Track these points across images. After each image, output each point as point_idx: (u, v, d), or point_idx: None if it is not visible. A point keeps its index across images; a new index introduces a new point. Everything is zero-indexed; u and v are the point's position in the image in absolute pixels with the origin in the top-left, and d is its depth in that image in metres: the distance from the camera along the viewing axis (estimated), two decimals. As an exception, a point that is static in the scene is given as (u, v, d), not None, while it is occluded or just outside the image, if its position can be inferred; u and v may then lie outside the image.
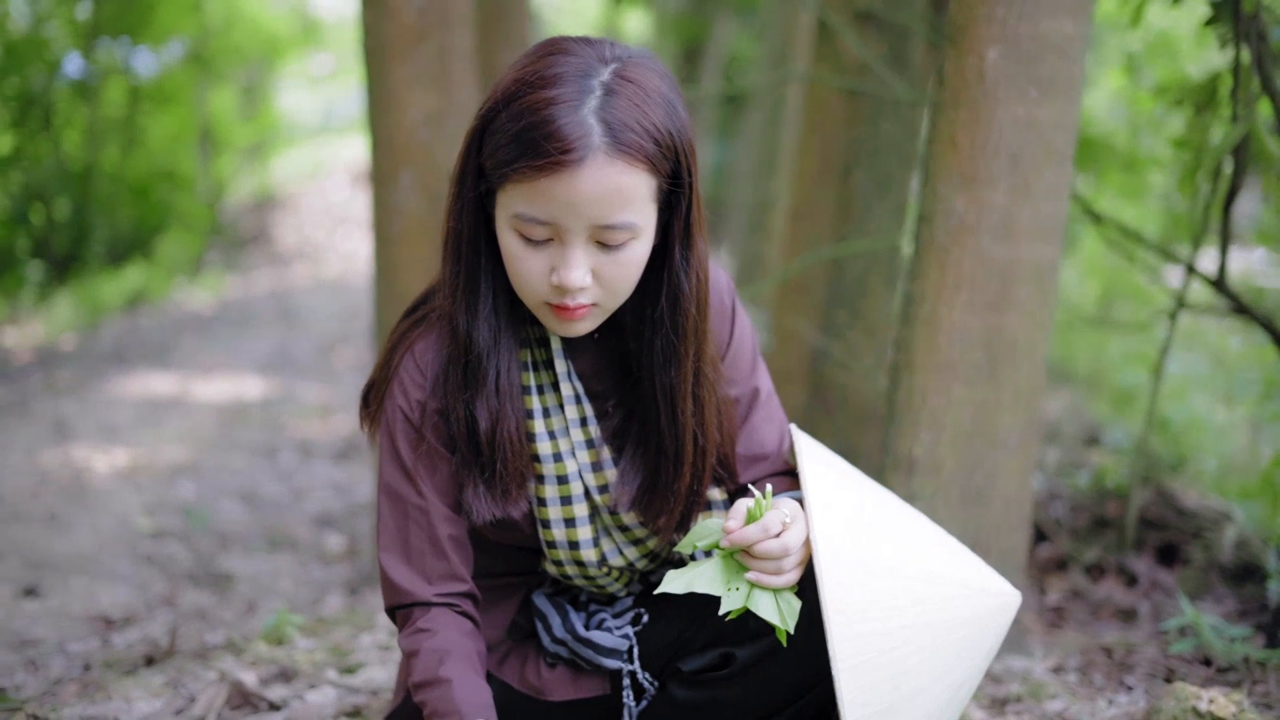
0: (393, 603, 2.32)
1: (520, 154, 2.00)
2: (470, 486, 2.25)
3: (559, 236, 2.05)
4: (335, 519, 5.97)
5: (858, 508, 2.16)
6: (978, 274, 3.11)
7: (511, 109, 2.03)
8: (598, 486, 2.30)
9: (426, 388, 2.26)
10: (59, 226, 12.92)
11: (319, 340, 10.94)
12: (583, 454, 2.29)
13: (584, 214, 2.02)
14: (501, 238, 2.11)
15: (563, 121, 1.99)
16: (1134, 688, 3.10)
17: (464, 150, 2.14)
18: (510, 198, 2.06)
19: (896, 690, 2.02)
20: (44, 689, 3.52)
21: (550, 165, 1.98)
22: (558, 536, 2.31)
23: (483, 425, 2.21)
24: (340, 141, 20.36)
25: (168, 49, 14.80)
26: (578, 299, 2.09)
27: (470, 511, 2.25)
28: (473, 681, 2.22)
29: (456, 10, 4.42)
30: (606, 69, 2.05)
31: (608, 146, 2.00)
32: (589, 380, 2.32)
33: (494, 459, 2.23)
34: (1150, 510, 4.46)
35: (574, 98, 2.01)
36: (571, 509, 2.30)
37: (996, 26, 3.05)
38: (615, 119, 2.01)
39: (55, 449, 6.82)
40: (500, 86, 2.08)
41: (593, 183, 2.00)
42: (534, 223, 2.04)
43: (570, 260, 2.05)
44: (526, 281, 2.10)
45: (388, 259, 4.54)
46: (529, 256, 2.08)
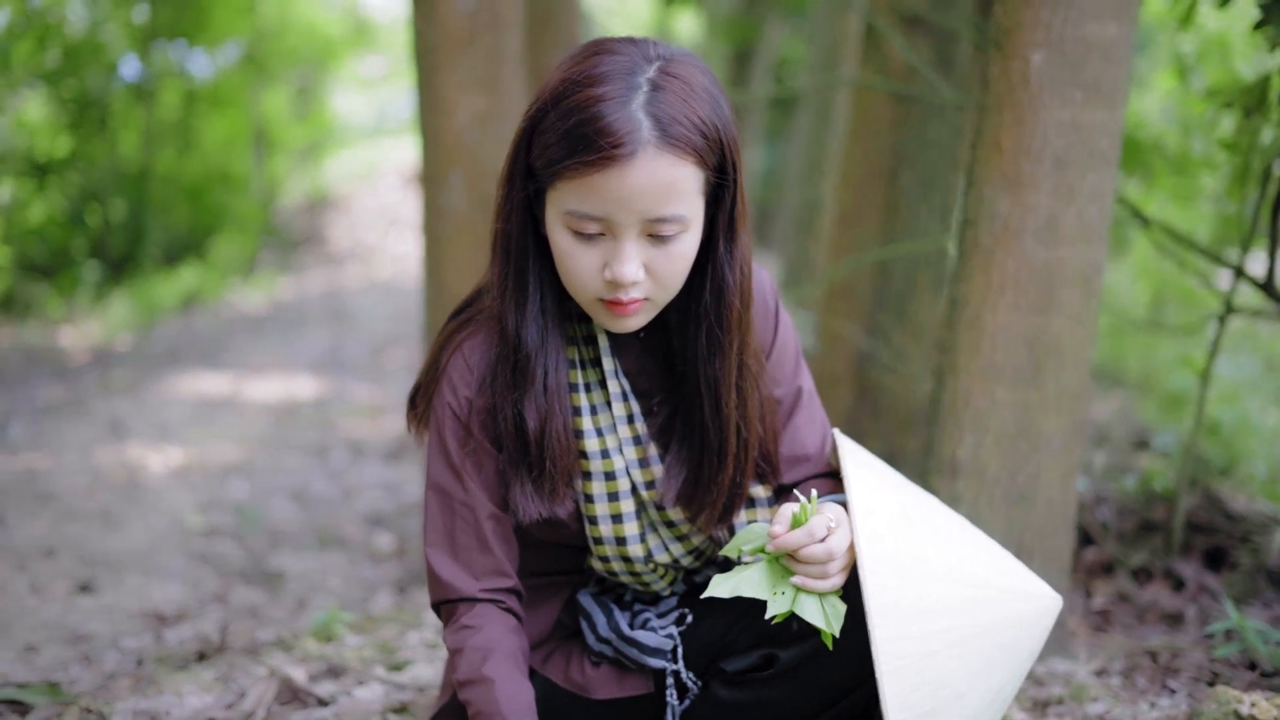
0: (438, 598, 2.35)
1: (571, 151, 2.04)
2: (517, 485, 2.28)
3: (611, 231, 2.08)
4: (385, 518, 6.01)
5: (900, 512, 2.18)
6: (1022, 276, 3.12)
7: (560, 108, 2.06)
8: (644, 483, 2.33)
9: (474, 386, 2.29)
10: (115, 228, 13.06)
11: (370, 341, 11.00)
12: (630, 450, 2.32)
13: (635, 207, 2.05)
14: (552, 236, 2.14)
15: (613, 117, 2.02)
16: (1176, 691, 3.10)
17: (512, 152, 2.17)
18: (561, 195, 2.09)
19: (938, 693, 2.03)
20: (98, 683, 3.58)
21: (602, 160, 2.02)
22: (604, 532, 2.34)
23: (531, 424, 2.24)
24: (392, 143, 20.46)
25: (222, 51, 14.93)
26: (630, 293, 2.12)
27: (517, 510, 2.28)
28: (515, 681, 2.25)
29: (506, 13, 4.46)
30: (652, 66, 2.09)
31: (657, 140, 2.03)
32: (634, 378, 2.35)
33: (542, 457, 2.26)
34: (1198, 514, 4.44)
35: (622, 94, 2.04)
36: (618, 505, 2.32)
37: (1041, 30, 3.05)
38: (663, 113, 2.04)
39: (110, 448, 6.89)
40: (547, 87, 2.11)
41: (644, 176, 2.03)
42: (586, 218, 2.07)
43: (623, 254, 2.08)
44: (579, 278, 2.13)
45: (436, 259, 4.59)
46: (581, 253, 2.11)
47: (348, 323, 11.84)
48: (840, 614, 2.08)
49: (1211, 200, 7.15)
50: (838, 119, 7.30)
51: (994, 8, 3.20)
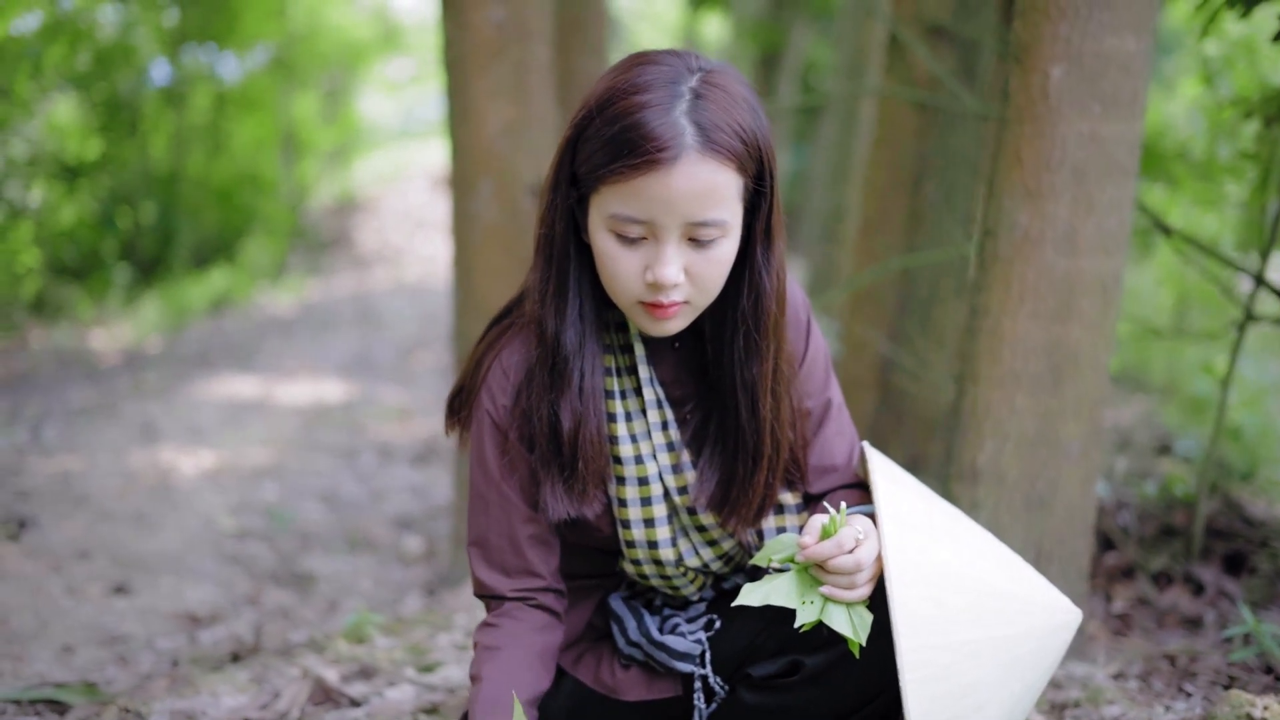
0: (476, 594, 2.45)
1: (616, 156, 2.10)
2: (548, 484, 2.34)
3: (653, 235, 2.14)
4: (414, 521, 6.07)
5: (927, 525, 2.22)
6: (1041, 286, 3.17)
7: (605, 115, 2.12)
8: (677, 488, 2.38)
9: (511, 394, 2.35)
10: (145, 230, 13.15)
11: (399, 343, 11.06)
12: (664, 456, 2.38)
13: (678, 211, 2.11)
14: (596, 240, 2.19)
15: (657, 123, 2.08)
16: (1193, 694, 3.13)
17: (557, 159, 2.23)
18: (605, 200, 2.15)
19: (961, 703, 2.08)
20: (134, 684, 3.65)
21: (646, 164, 2.08)
22: (637, 536, 2.39)
23: (566, 425, 2.30)
24: (419, 146, 20.55)
25: (252, 55, 15.00)
26: (671, 296, 2.17)
27: (546, 509, 2.34)
28: (504, 680, 2.32)
29: (534, 24, 4.51)
30: (694, 76, 2.15)
31: (700, 146, 2.09)
32: (668, 386, 2.41)
33: (575, 458, 2.31)
34: (1218, 519, 4.47)
35: (665, 101, 2.10)
36: (651, 509, 2.38)
37: (1061, 44, 3.10)
38: (706, 120, 2.10)
39: (143, 450, 6.96)
40: (592, 96, 2.17)
41: (686, 180, 2.09)
42: (630, 222, 2.13)
43: (665, 257, 2.14)
44: (621, 281, 2.19)
45: (466, 266, 4.64)
46: (624, 256, 2.17)
47: (376, 325, 11.91)
48: (867, 624, 2.13)
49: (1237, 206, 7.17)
50: (863, 125, 7.34)
51: (1014, 22, 3.25)
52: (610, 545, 2.45)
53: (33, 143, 11.28)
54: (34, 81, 10.78)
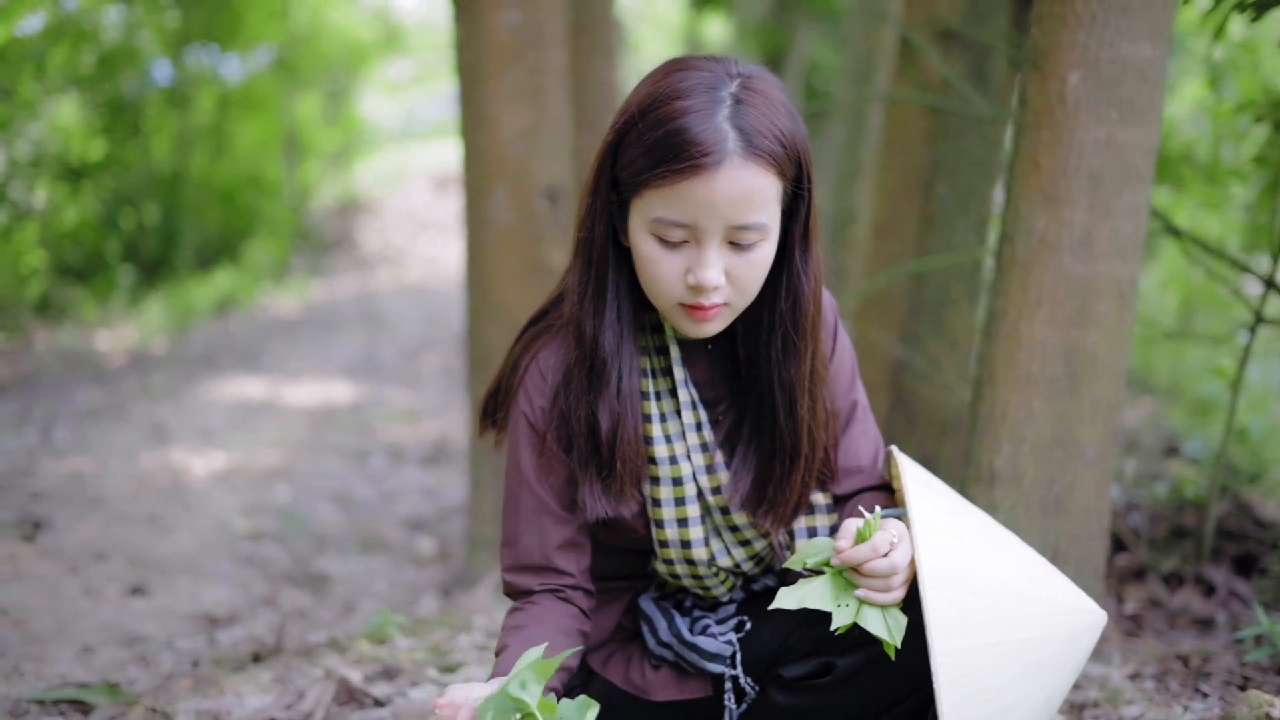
0: (506, 593, 2.46)
1: (660, 160, 2.14)
2: (586, 485, 2.36)
3: (695, 238, 2.18)
4: (426, 522, 6.09)
5: (957, 528, 2.25)
6: (1058, 291, 3.19)
7: (648, 120, 2.16)
8: (710, 488, 2.41)
9: (549, 395, 2.38)
10: (148, 231, 13.16)
11: (404, 345, 11.08)
12: (698, 457, 2.40)
13: (720, 215, 2.14)
14: (637, 243, 2.23)
15: (701, 128, 2.12)
16: (1209, 695, 3.16)
17: (597, 164, 2.27)
18: (647, 203, 2.18)
19: (992, 704, 2.10)
20: (156, 684, 3.67)
21: (690, 169, 2.11)
22: (670, 535, 2.42)
23: (604, 426, 2.33)
24: (420, 147, 20.55)
25: (254, 56, 15.01)
26: (712, 298, 2.20)
27: (584, 508, 2.37)
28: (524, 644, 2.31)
29: (550, 29, 4.54)
30: (734, 82, 2.18)
31: (742, 150, 2.13)
32: (702, 388, 2.44)
33: (613, 458, 2.34)
34: (1228, 521, 4.49)
35: (707, 107, 2.14)
36: (685, 509, 2.40)
37: (1078, 51, 3.13)
38: (748, 125, 2.14)
39: (153, 452, 6.99)
40: (634, 101, 2.21)
41: (729, 184, 2.13)
42: (673, 225, 2.16)
43: (706, 260, 2.17)
44: (662, 284, 2.22)
45: (481, 270, 4.67)
46: (666, 259, 2.20)
47: (381, 326, 11.93)
48: (902, 626, 2.15)
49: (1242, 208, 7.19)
50: (871, 129, 7.36)
51: (1031, 29, 3.27)
52: (643, 545, 2.48)
53: (37, 144, 11.30)
54: (38, 83, 10.80)
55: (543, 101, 4.56)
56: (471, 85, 4.59)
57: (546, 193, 4.58)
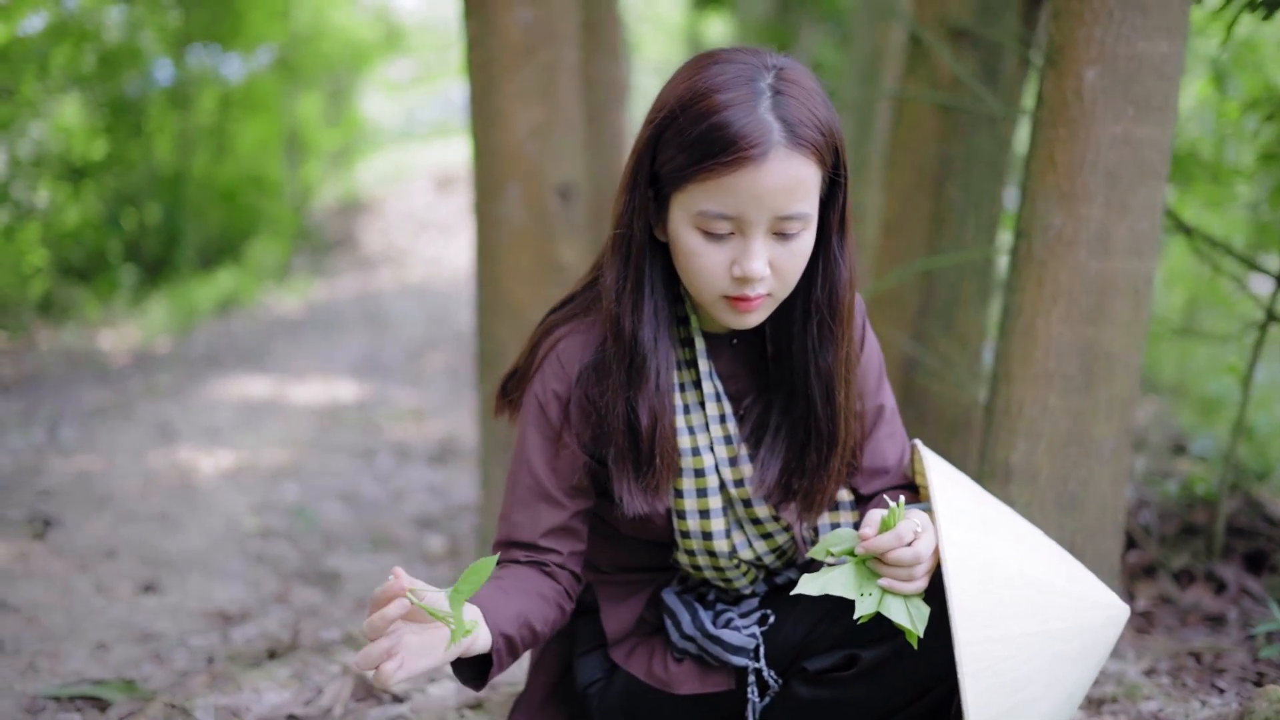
0: (493, 551, 2.46)
1: (706, 154, 2.15)
2: (625, 481, 2.37)
3: (741, 230, 2.19)
4: (434, 520, 6.10)
5: (981, 520, 2.26)
6: (1074, 287, 3.20)
7: (689, 114, 2.17)
8: (733, 480, 2.42)
9: (565, 383, 2.39)
10: (150, 231, 13.16)
11: (407, 345, 11.09)
12: (721, 449, 2.41)
13: (767, 206, 2.16)
14: (680, 237, 2.23)
15: (746, 121, 2.14)
16: (1226, 690, 3.17)
17: (634, 161, 2.28)
18: (691, 197, 2.19)
19: (1014, 696, 2.11)
20: (172, 680, 3.67)
21: (737, 161, 2.13)
22: (692, 527, 2.42)
23: (644, 422, 2.33)
24: (422, 147, 20.57)
25: (255, 56, 15.02)
26: (757, 289, 2.22)
27: (623, 504, 2.37)
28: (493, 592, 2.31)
29: (563, 26, 4.54)
30: (770, 74, 2.20)
31: (787, 141, 2.15)
32: (725, 382, 2.45)
33: (652, 454, 2.35)
34: (1238, 518, 4.50)
35: (749, 99, 2.15)
36: (707, 501, 2.41)
37: (1095, 48, 3.14)
38: (790, 115, 2.16)
39: (161, 450, 6.99)
40: (671, 97, 2.22)
41: (775, 176, 2.14)
42: (719, 218, 2.18)
43: (752, 251, 2.19)
44: (706, 276, 2.23)
45: (492, 268, 4.67)
46: (711, 252, 2.21)
47: (384, 326, 11.93)
48: (924, 616, 2.16)
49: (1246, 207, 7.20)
50: (879, 128, 7.36)
51: (1048, 25, 3.29)
52: (664, 537, 2.48)
53: (39, 143, 11.30)
54: (40, 82, 10.80)
55: (555, 100, 4.56)
56: (483, 83, 4.59)
57: (559, 190, 4.58)
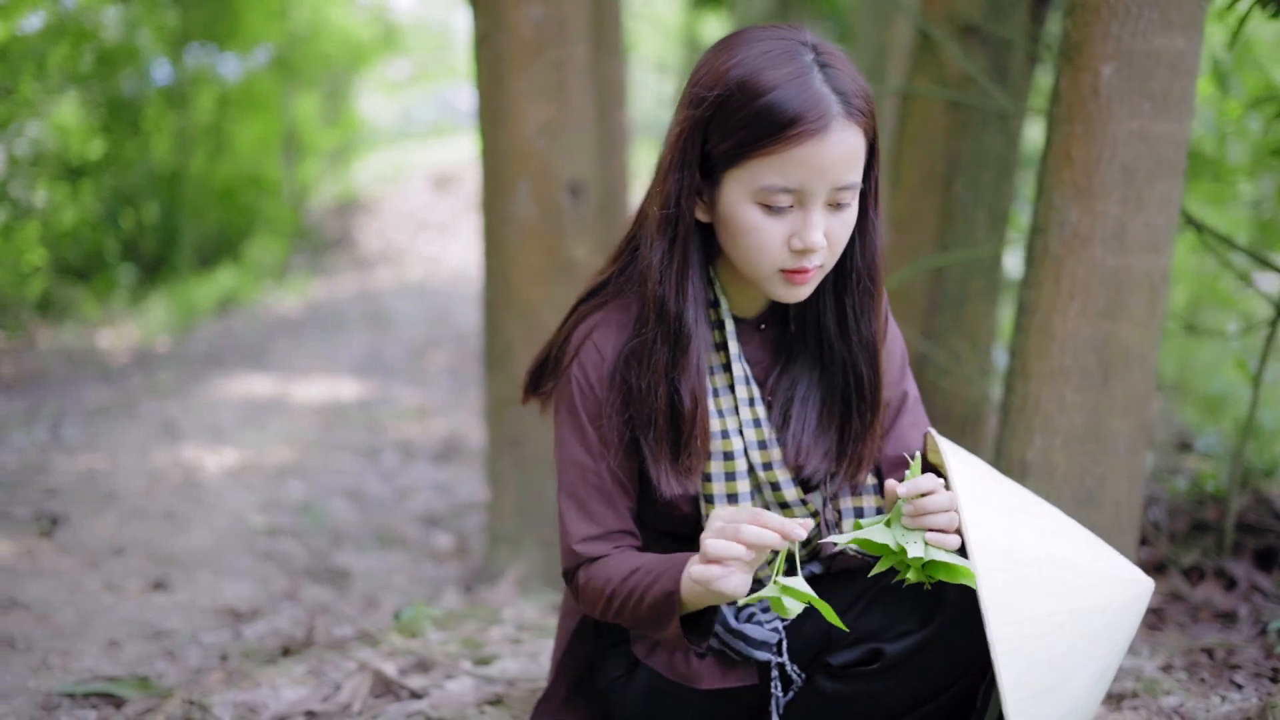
0: (573, 563, 2.44)
1: (769, 129, 2.17)
2: (661, 464, 2.36)
3: (801, 202, 2.21)
4: (440, 518, 6.10)
5: (1003, 501, 2.25)
6: (1091, 283, 3.21)
7: (746, 91, 2.18)
8: (762, 464, 2.42)
9: (605, 371, 2.39)
10: (148, 230, 13.14)
11: (409, 343, 11.09)
12: (750, 432, 2.41)
13: (828, 177, 2.19)
14: (737, 214, 2.24)
15: (806, 94, 2.17)
16: (1244, 686, 3.17)
17: (680, 142, 2.28)
18: (751, 173, 2.20)
19: (1049, 675, 2.11)
20: (185, 677, 3.67)
21: (803, 134, 2.15)
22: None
23: (686, 404, 2.34)
24: (419, 146, 20.56)
25: (253, 55, 15.00)
26: (813, 260, 2.24)
27: (659, 486, 2.37)
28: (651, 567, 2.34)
29: (573, 24, 4.54)
30: (808, 48, 2.23)
31: (843, 112, 2.18)
32: (752, 366, 2.46)
33: (692, 435, 2.35)
34: (1248, 515, 4.50)
35: (803, 73, 2.18)
36: (735, 484, 2.41)
37: (1111, 43, 3.14)
38: (842, 87, 2.20)
39: (166, 449, 6.98)
40: (719, 75, 2.23)
41: (837, 146, 2.18)
42: (782, 191, 2.19)
43: (813, 222, 2.21)
44: (765, 251, 2.24)
45: (503, 265, 4.67)
46: (771, 226, 2.22)
47: (384, 325, 11.93)
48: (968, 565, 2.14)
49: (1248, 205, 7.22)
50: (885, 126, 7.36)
51: (1064, 21, 3.29)
52: (686, 528, 2.47)
53: (36, 142, 11.29)
54: (38, 81, 10.79)
55: (566, 97, 4.56)
56: (493, 81, 4.60)
57: (569, 188, 4.58)
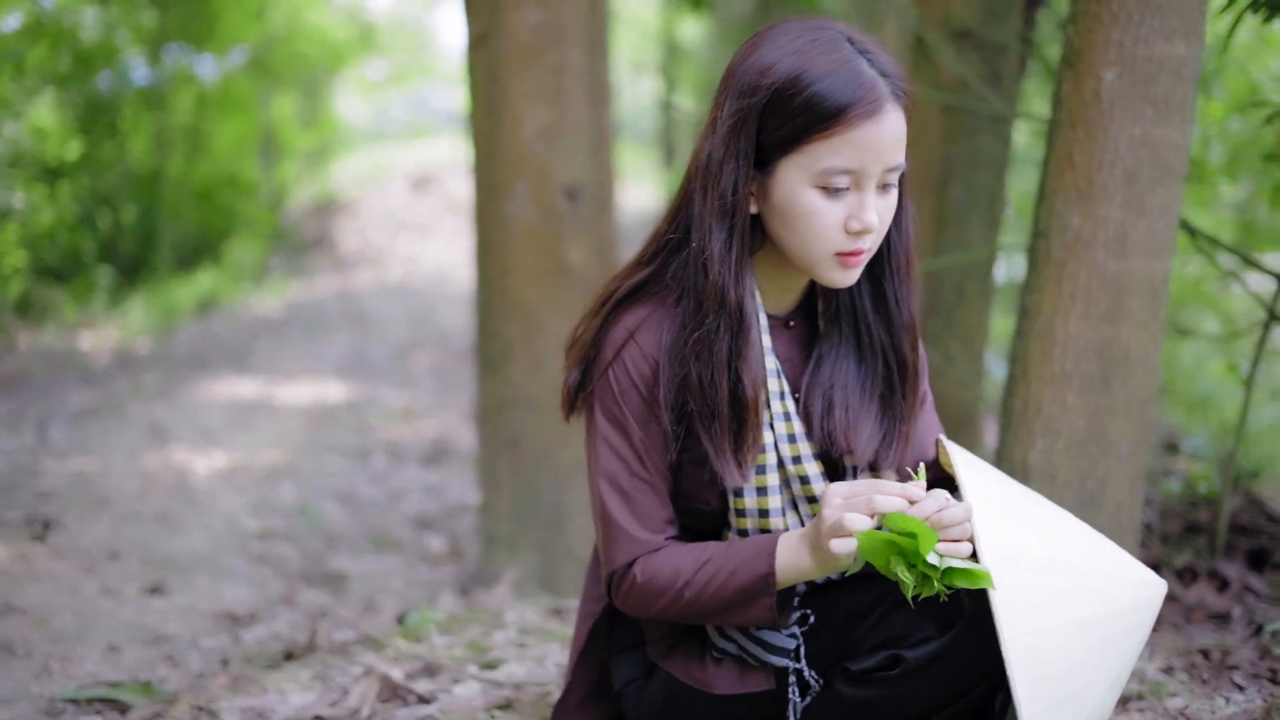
0: (626, 559, 2.43)
1: (829, 113, 2.20)
2: (725, 453, 2.36)
3: (857, 184, 2.25)
4: (433, 521, 6.11)
5: (1014, 508, 2.27)
6: (1092, 287, 3.23)
7: (802, 78, 2.22)
8: (791, 457, 2.42)
9: (650, 366, 2.39)
10: (126, 231, 13.09)
11: (393, 344, 11.08)
12: (780, 425, 2.42)
13: (883, 157, 2.23)
14: (795, 199, 2.27)
15: (860, 77, 2.21)
16: (1245, 687, 3.19)
17: (734, 133, 2.30)
18: (811, 157, 2.23)
19: (1067, 683, 2.12)
20: (188, 683, 3.67)
21: (860, 115, 2.19)
22: (749, 504, 2.42)
23: (749, 393, 2.35)
24: (397, 147, 20.54)
25: (230, 56, 14.96)
26: (867, 242, 2.28)
27: (721, 477, 2.37)
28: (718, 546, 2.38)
29: (570, 28, 4.56)
30: (844, 38, 2.28)
31: (891, 94, 2.24)
32: (783, 364, 2.47)
33: (757, 424, 2.37)
34: (1240, 516, 4.53)
35: (851, 59, 2.24)
36: (765, 478, 2.41)
37: (1113, 49, 3.16)
38: (887, 70, 2.25)
39: (155, 451, 6.97)
40: (769, 66, 2.26)
41: (891, 126, 2.23)
42: (842, 173, 2.22)
43: (869, 203, 2.24)
44: (824, 234, 2.27)
45: (500, 268, 4.68)
46: (829, 210, 2.25)
47: (366, 326, 11.91)
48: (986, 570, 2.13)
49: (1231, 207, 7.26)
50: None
51: (1066, 27, 3.31)
52: (708, 522, 2.48)
53: (13, 143, 11.24)
54: (16, 82, 10.75)
55: (563, 101, 4.58)
56: (489, 83, 4.61)
57: (566, 191, 4.60)
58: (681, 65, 17.24)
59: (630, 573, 2.43)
